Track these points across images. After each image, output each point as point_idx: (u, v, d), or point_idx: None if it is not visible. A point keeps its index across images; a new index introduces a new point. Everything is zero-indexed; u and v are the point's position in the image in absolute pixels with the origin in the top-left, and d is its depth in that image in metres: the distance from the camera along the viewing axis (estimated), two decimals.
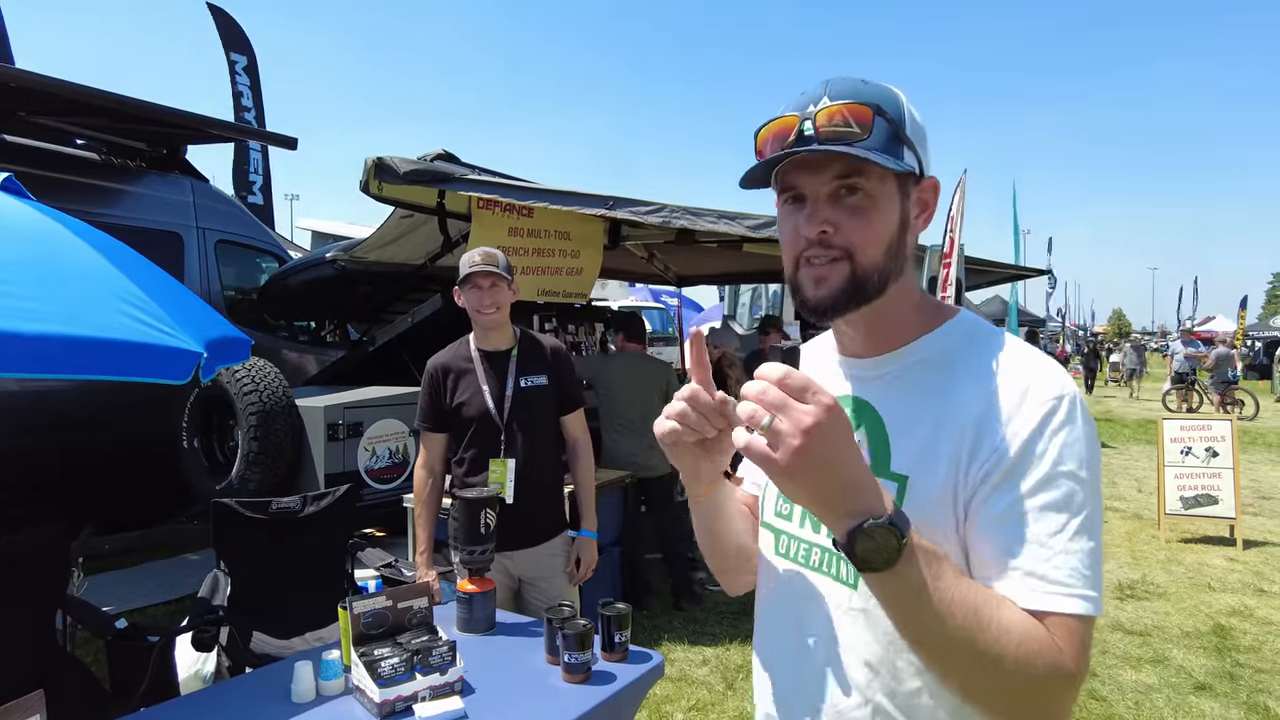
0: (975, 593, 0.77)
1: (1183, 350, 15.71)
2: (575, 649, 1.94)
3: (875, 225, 0.87)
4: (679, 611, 4.60)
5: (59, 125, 5.22)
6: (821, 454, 0.71)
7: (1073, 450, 0.81)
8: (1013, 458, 0.81)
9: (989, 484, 0.82)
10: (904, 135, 0.87)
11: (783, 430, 0.70)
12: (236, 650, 2.90)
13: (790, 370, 0.72)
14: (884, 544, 0.72)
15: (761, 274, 8.45)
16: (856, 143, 0.83)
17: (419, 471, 2.72)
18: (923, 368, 0.92)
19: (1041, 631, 0.77)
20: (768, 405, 0.71)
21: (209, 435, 4.94)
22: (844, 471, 0.73)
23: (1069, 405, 0.82)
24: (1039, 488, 0.80)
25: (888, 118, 0.85)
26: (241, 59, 11.98)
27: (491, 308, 2.55)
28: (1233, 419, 6.38)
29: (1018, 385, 0.84)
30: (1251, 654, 4.08)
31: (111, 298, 1.78)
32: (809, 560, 0.98)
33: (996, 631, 0.75)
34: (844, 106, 0.84)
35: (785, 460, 0.70)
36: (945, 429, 0.86)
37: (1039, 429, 0.81)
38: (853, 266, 0.87)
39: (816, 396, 0.71)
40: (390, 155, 4.05)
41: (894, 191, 0.88)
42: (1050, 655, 0.76)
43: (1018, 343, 0.91)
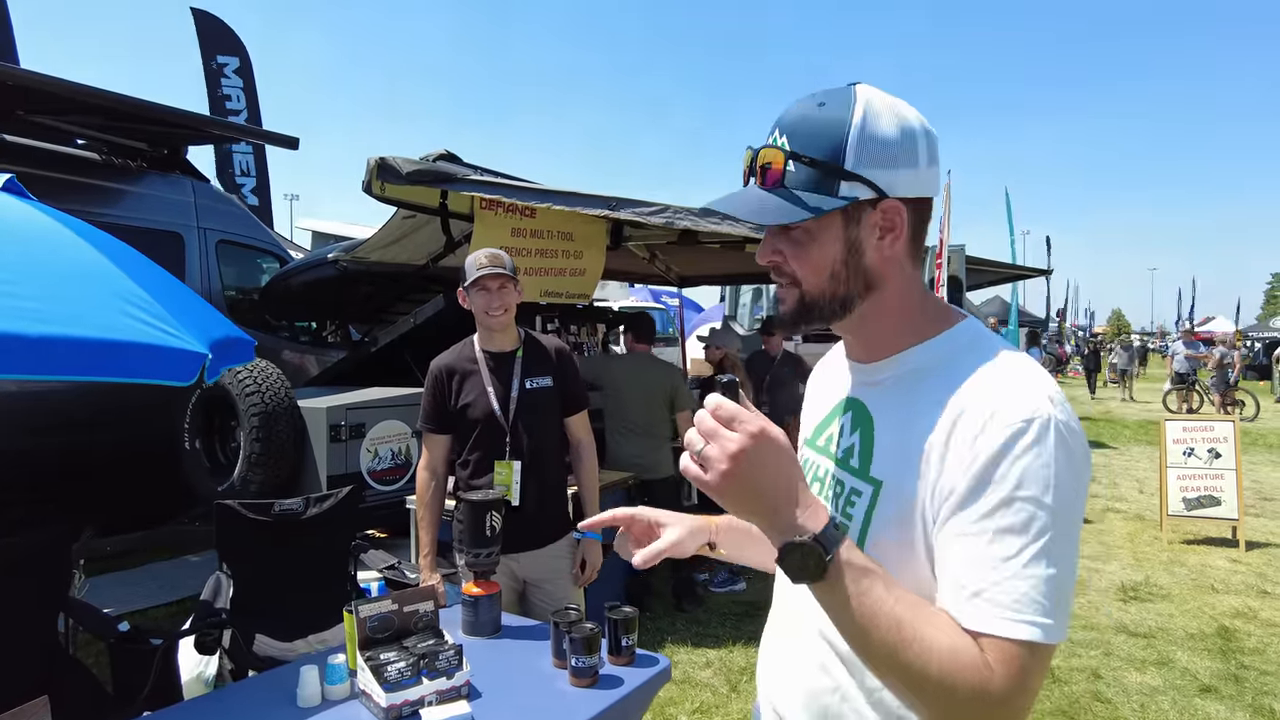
0: (903, 609, 0.78)
1: (1183, 351, 15.70)
2: (582, 653, 1.93)
3: (811, 258, 0.92)
4: (681, 613, 4.59)
5: (59, 125, 5.20)
6: (748, 477, 0.78)
7: (1037, 475, 0.79)
8: (974, 476, 0.81)
9: (950, 502, 0.83)
10: (842, 169, 0.87)
11: (711, 456, 0.79)
12: (239, 653, 2.88)
13: (722, 401, 0.80)
14: (807, 560, 0.78)
15: (763, 275, 8.43)
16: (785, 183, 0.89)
17: (422, 473, 2.70)
18: (918, 375, 0.94)
19: (970, 654, 0.77)
20: (702, 433, 0.80)
21: (211, 436, 4.93)
22: (772, 492, 0.79)
23: (1039, 429, 0.80)
24: (996, 510, 0.80)
25: (805, 160, 0.88)
26: (232, 60, 11.93)
27: (500, 309, 2.54)
28: (1235, 420, 6.37)
29: (990, 403, 0.83)
30: (1256, 656, 4.07)
31: (115, 299, 1.76)
32: None
33: (919, 649, 0.77)
34: (769, 151, 0.90)
35: (714, 482, 0.79)
36: (917, 441, 0.87)
37: (1002, 450, 0.80)
38: (801, 293, 0.94)
39: (743, 425, 0.79)
40: (393, 155, 4.04)
41: (834, 223, 0.91)
42: (973, 677, 0.76)
43: (1007, 359, 0.89)
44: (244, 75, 12.06)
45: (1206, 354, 15.97)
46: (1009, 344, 0.94)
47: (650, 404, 4.63)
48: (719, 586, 5.01)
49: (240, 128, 9.30)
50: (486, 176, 4.32)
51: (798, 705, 1.01)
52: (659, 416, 4.69)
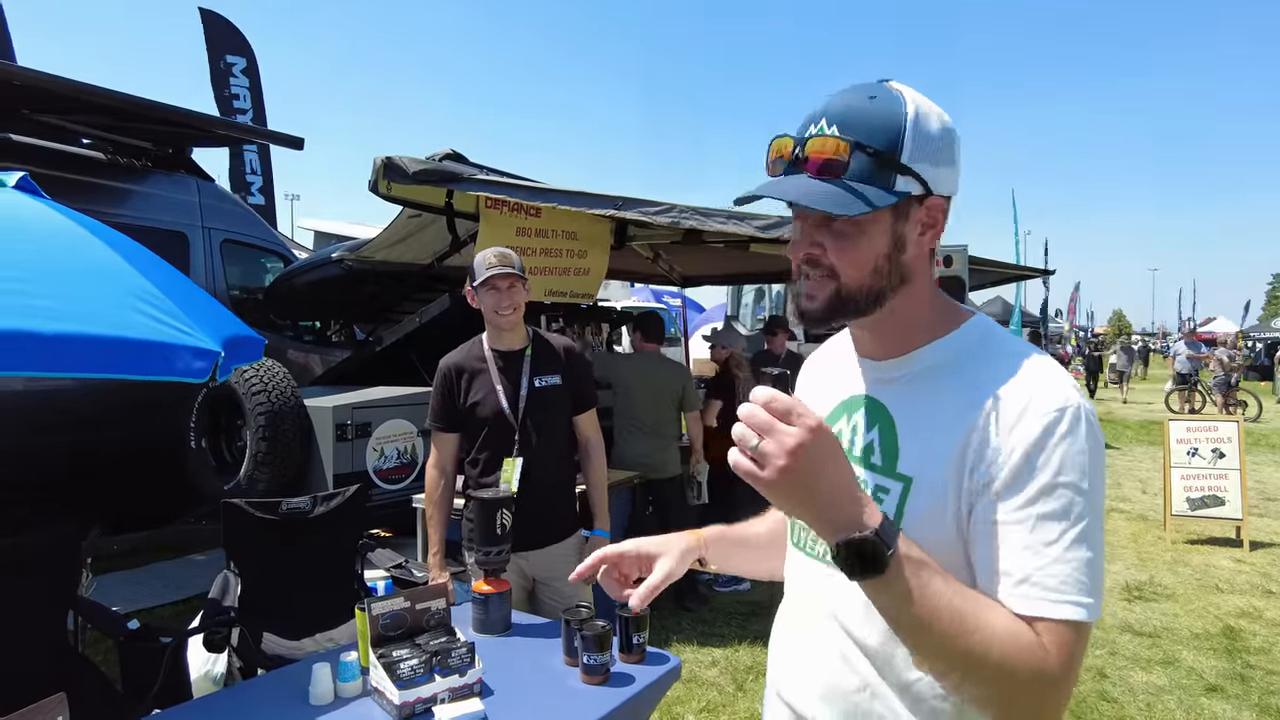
0: (962, 599, 0.80)
1: (1185, 351, 15.69)
2: (594, 650, 1.93)
3: (857, 251, 0.91)
4: (686, 612, 4.59)
5: (65, 124, 5.21)
6: (806, 472, 0.76)
7: (1074, 461, 0.83)
8: (1014, 466, 0.84)
9: (990, 491, 0.85)
10: (898, 161, 0.88)
11: (768, 451, 0.76)
12: (247, 651, 2.89)
13: (776, 394, 0.77)
14: (867, 555, 0.77)
15: (767, 274, 8.44)
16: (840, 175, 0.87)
17: (431, 472, 2.71)
18: (934, 372, 0.95)
19: (1028, 637, 0.80)
20: (755, 427, 0.77)
21: (217, 435, 4.93)
22: (829, 488, 0.78)
23: (1072, 416, 0.84)
24: (1038, 497, 0.83)
25: (869, 151, 0.87)
26: (240, 60, 11.94)
27: (509, 309, 2.54)
28: (1239, 420, 6.37)
29: (1023, 394, 0.86)
30: (1262, 655, 4.07)
31: (129, 297, 1.77)
32: (815, 551, 1.04)
33: (980, 637, 0.78)
34: (827, 140, 0.87)
35: (770, 478, 0.76)
36: (950, 434, 0.89)
37: (1041, 439, 0.83)
38: (838, 286, 0.92)
39: (802, 419, 0.76)
40: (399, 155, 4.04)
41: (883, 218, 0.90)
42: (1033, 659, 0.79)
43: (1029, 350, 0.92)
44: (250, 75, 12.07)
45: (1208, 354, 15.96)
46: (1017, 336, 0.97)
47: (659, 404, 4.63)
48: (724, 586, 5.01)
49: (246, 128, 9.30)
50: (492, 176, 4.32)
51: (815, 699, 1.01)
52: (667, 416, 4.70)
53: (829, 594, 0.99)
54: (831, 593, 0.99)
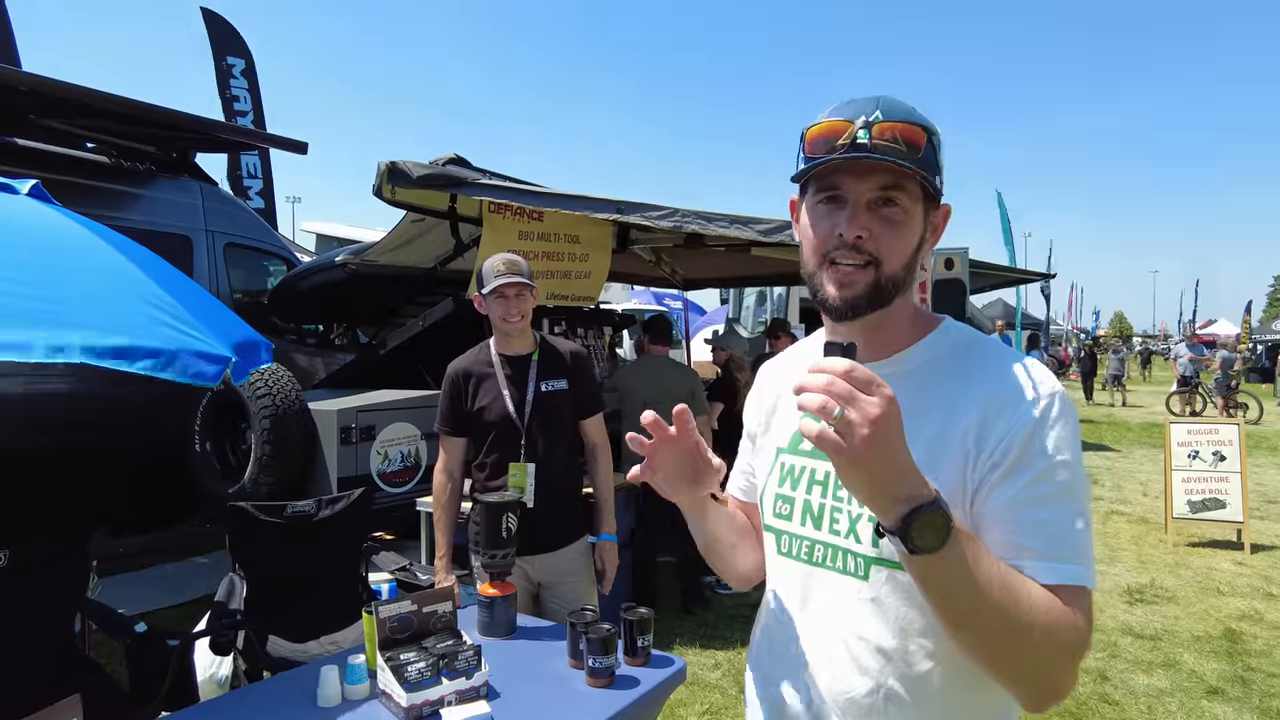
0: (1005, 569, 0.84)
1: (1187, 354, 15.69)
2: (599, 653, 1.95)
3: (905, 238, 0.95)
4: (688, 615, 4.61)
5: (69, 128, 5.24)
6: (885, 443, 0.75)
7: (1066, 442, 0.90)
8: (1018, 449, 0.89)
9: (998, 473, 0.90)
10: (940, 161, 0.95)
11: (854, 421, 0.74)
12: (253, 654, 2.90)
13: (854, 364, 0.76)
14: (936, 527, 0.78)
15: (768, 277, 8.47)
16: (907, 160, 0.90)
17: (438, 475, 2.73)
18: (924, 371, 1.00)
19: (1058, 604, 0.85)
20: (836, 396, 0.75)
21: (221, 439, 4.95)
22: (900, 459, 0.78)
23: (1060, 402, 0.92)
24: (1044, 476, 0.89)
25: (933, 143, 0.93)
26: (239, 62, 11.97)
27: (518, 316, 2.57)
28: (1239, 423, 6.38)
29: (1015, 384, 0.93)
30: (1263, 658, 4.08)
31: (140, 301, 1.79)
32: (812, 557, 1.04)
33: (1027, 604, 0.82)
34: (902, 125, 0.91)
35: (857, 449, 0.75)
36: (953, 425, 0.93)
37: (1040, 423, 0.90)
38: (878, 274, 0.94)
39: (880, 389, 0.76)
40: (403, 160, 4.07)
41: (921, 211, 0.96)
42: (1069, 621, 0.85)
43: (1004, 347, 1.01)
44: (249, 77, 12.10)
45: (1209, 357, 15.97)
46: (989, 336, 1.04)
47: (668, 407, 4.64)
48: (726, 589, 5.02)
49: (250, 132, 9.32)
50: (495, 180, 4.35)
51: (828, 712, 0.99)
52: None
53: (832, 598, 1.00)
54: (835, 596, 0.99)
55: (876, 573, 0.96)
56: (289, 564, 3.25)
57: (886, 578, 0.95)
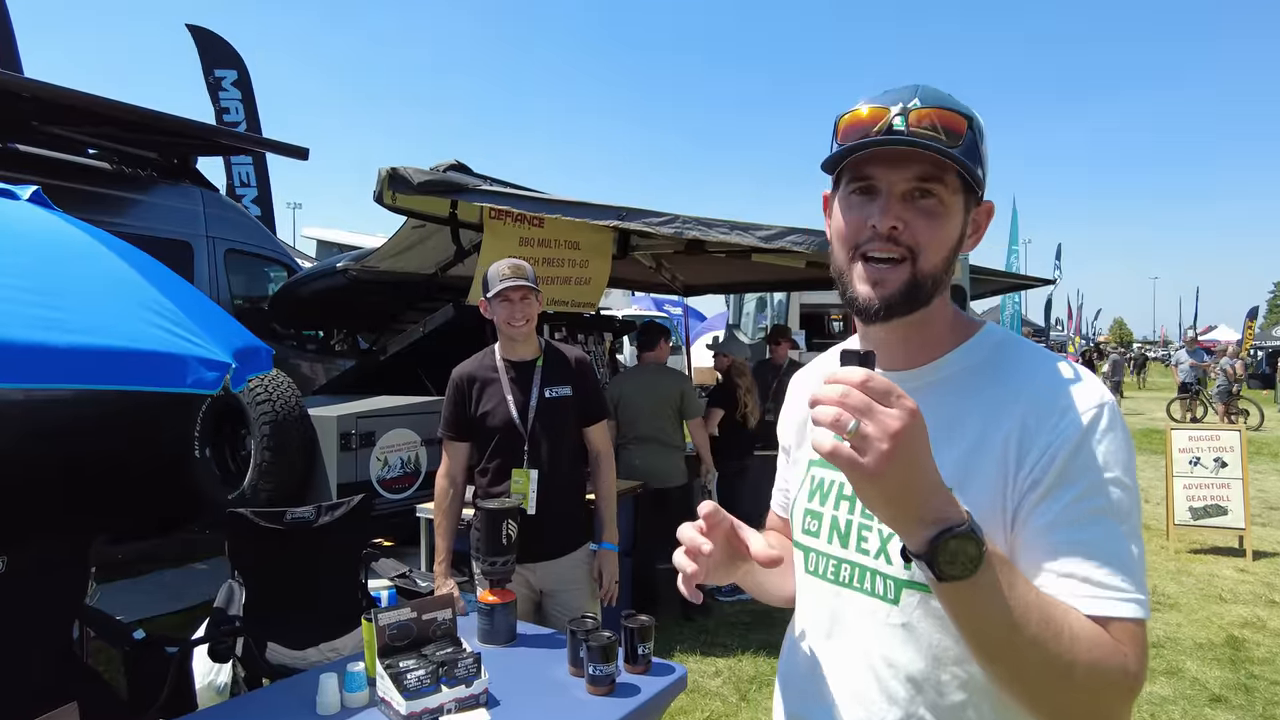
0: (1044, 599, 0.76)
1: (1188, 360, 15.68)
2: (599, 661, 1.94)
3: (943, 231, 0.88)
4: (689, 622, 4.59)
5: (71, 134, 5.24)
6: (907, 459, 0.69)
7: (1117, 457, 0.82)
8: (1061, 464, 0.82)
9: (1038, 491, 0.82)
10: (982, 153, 0.89)
11: (870, 435, 0.68)
12: (252, 661, 2.89)
13: (871, 373, 0.71)
14: (966, 552, 0.71)
15: (769, 283, 8.47)
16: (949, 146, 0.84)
17: (440, 480, 2.72)
18: (960, 379, 0.93)
19: (1106, 636, 0.78)
20: (852, 409, 0.69)
21: (221, 444, 4.94)
22: (925, 478, 0.71)
23: (1109, 413, 0.84)
24: (1089, 494, 0.81)
25: (975, 132, 0.87)
26: (230, 73, 11.97)
27: (522, 320, 2.56)
28: (1241, 429, 6.38)
29: (1060, 393, 0.85)
30: (1266, 666, 4.07)
31: (141, 308, 1.79)
32: (839, 577, 0.97)
33: (1069, 638, 0.75)
34: (939, 111, 0.85)
35: (873, 465, 0.68)
36: (989, 439, 0.86)
37: (1085, 436, 0.82)
38: (914, 270, 0.87)
39: (901, 400, 0.70)
40: (404, 166, 4.07)
41: (961, 204, 0.89)
42: (1117, 660, 0.77)
43: (1047, 354, 0.92)
44: (242, 87, 12.10)
45: (1209, 363, 15.96)
46: (1033, 343, 0.96)
47: (658, 413, 4.65)
48: (726, 595, 5.00)
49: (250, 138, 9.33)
50: (496, 187, 4.35)
51: None
52: (668, 425, 4.71)
53: (860, 622, 0.94)
54: (863, 619, 0.93)
55: (908, 597, 0.89)
56: (288, 570, 3.24)
57: (919, 602, 0.88)
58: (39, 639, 2.59)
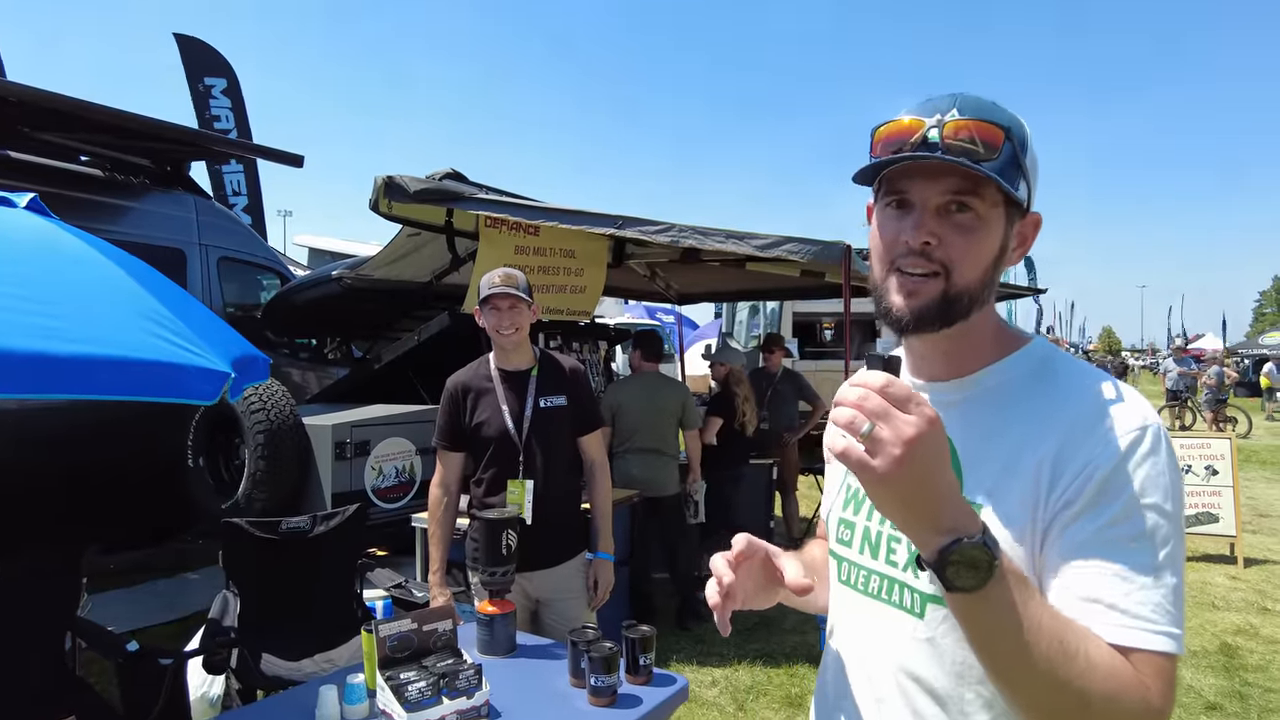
0: (1060, 622, 0.74)
1: (1175, 369, 15.80)
2: (601, 671, 1.93)
3: (979, 246, 0.86)
4: (685, 631, 4.58)
5: (63, 141, 5.22)
6: (920, 466, 0.69)
7: (1157, 482, 0.79)
8: (1096, 486, 0.79)
9: (1070, 511, 0.80)
10: (1023, 164, 0.86)
11: (884, 439, 0.69)
12: (247, 672, 2.87)
13: (893, 379, 0.71)
14: (977, 564, 0.70)
15: (762, 292, 8.48)
16: (980, 162, 0.82)
17: (434, 490, 2.70)
18: (999, 393, 0.91)
19: (1127, 668, 0.75)
20: (868, 412, 0.70)
21: (215, 454, 4.91)
22: (939, 487, 0.71)
23: (1154, 436, 0.81)
24: (1123, 519, 0.78)
25: (1014, 143, 0.84)
26: (220, 81, 11.91)
27: (510, 329, 2.55)
28: (1231, 437, 6.42)
29: (1101, 413, 0.83)
30: (1259, 673, 4.09)
31: (139, 318, 1.78)
32: (868, 588, 0.97)
33: (1084, 664, 0.73)
34: (975, 123, 0.83)
35: (884, 469, 0.69)
36: (1025, 455, 0.84)
37: (1124, 458, 0.80)
38: (947, 285, 0.86)
39: (920, 408, 0.70)
40: (400, 174, 4.07)
41: (1001, 218, 0.87)
42: (1137, 693, 0.74)
43: (1095, 371, 0.90)
44: (232, 95, 12.04)
45: (1197, 371, 16.09)
46: (1080, 360, 0.94)
47: (660, 422, 4.65)
48: None
49: (244, 145, 9.30)
50: (492, 195, 4.35)
51: None
52: (669, 434, 4.71)
53: (887, 635, 0.93)
54: (890, 633, 0.93)
55: (933, 611, 0.88)
56: (283, 581, 3.22)
57: (944, 617, 0.86)
58: (32, 649, 2.56)
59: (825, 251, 4.11)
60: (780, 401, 6.06)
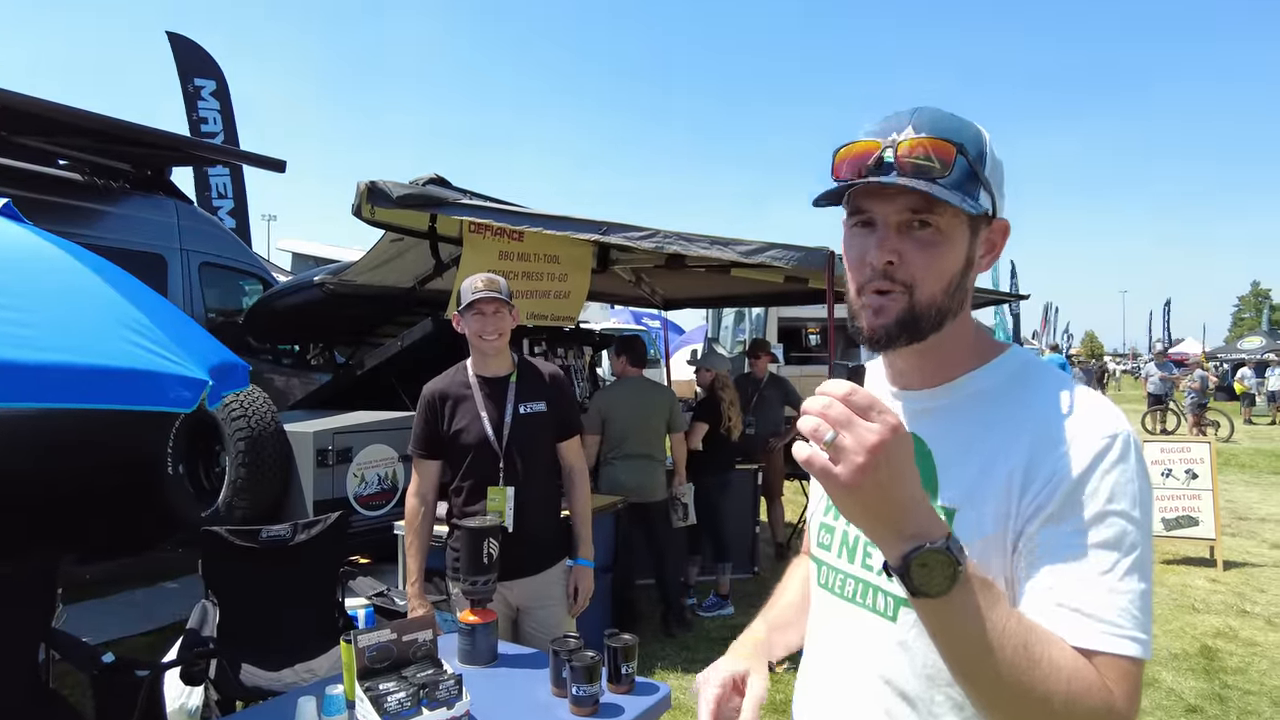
0: (1024, 626, 0.75)
1: (1157, 373, 15.98)
2: (583, 681, 1.92)
3: (941, 261, 0.87)
4: (670, 639, 4.57)
5: (41, 145, 5.16)
6: (884, 473, 0.70)
7: (1125, 490, 0.81)
8: (1065, 492, 0.81)
9: (1041, 517, 0.82)
10: (982, 175, 0.87)
11: (846, 446, 0.70)
12: (226, 683, 2.83)
13: (856, 387, 0.72)
14: (940, 569, 0.72)
15: (748, 298, 8.51)
16: (935, 178, 0.83)
17: (411, 500, 2.66)
18: (975, 401, 0.92)
19: (1091, 671, 0.76)
20: (832, 420, 0.71)
21: (195, 461, 4.86)
22: (904, 493, 0.72)
23: (1124, 444, 0.82)
24: (1091, 524, 0.80)
25: (968, 157, 0.85)
26: (209, 83, 11.86)
27: (494, 334, 2.54)
28: (1211, 441, 6.49)
29: (1073, 421, 0.84)
30: (1239, 675, 4.12)
31: (117, 325, 1.75)
32: (843, 591, 0.99)
33: (1047, 668, 0.74)
34: (929, 141, 0.84)
35: (847, 476, 0.70)
36: (998, 462, 0.86)
37: (1092, 465, 0.81)
38: (911, 301, 0.87)
39: (883, 415, 0.71)
40: (383, 180, 4.05)
41: (964, 230, 0.88)
42: (1099, 696, 0.75)
43: (1068, 381, 0.91)
44: (221, 97, 11.99)
45: (1179, 375, 16.27)
46: (1057, 368, 0.95)
47: (648, 427, 4.64)
48: (707, 611, 4.99)
49: (226, 150, 9.23)
50: (476, 200, 4.34)
51: None
52: (657, 439, 4.71)
53: (862, 638, 0.95)
54: (865, 636, 0.94)
55: (905, 614, 0.90)
56: (264, 590, 3.18)
57: (915, 621, 0.86)
58: (4, 662, 2.52)
59: (808, 257, 4.13)
60: (766, 407, 6.07)
